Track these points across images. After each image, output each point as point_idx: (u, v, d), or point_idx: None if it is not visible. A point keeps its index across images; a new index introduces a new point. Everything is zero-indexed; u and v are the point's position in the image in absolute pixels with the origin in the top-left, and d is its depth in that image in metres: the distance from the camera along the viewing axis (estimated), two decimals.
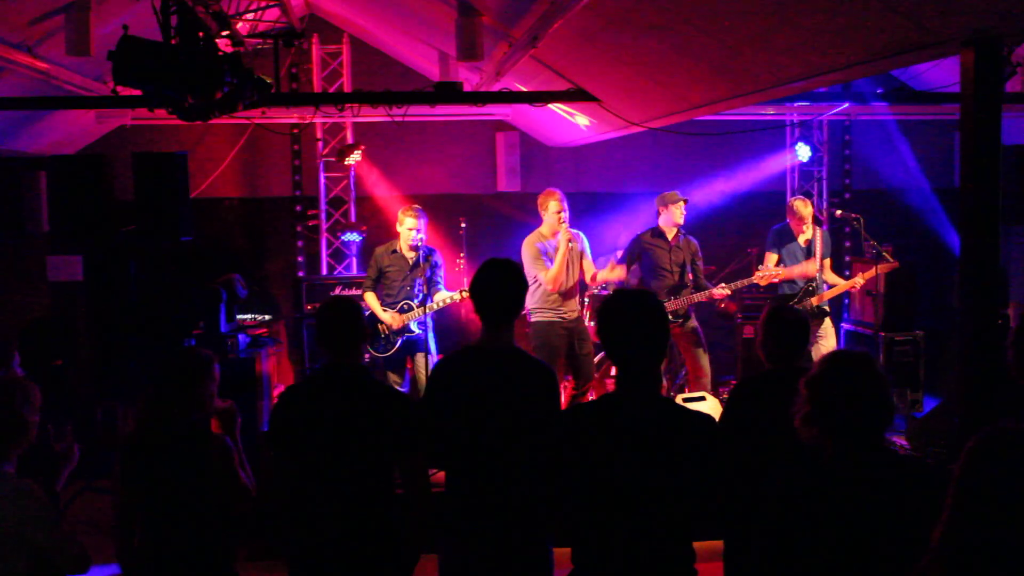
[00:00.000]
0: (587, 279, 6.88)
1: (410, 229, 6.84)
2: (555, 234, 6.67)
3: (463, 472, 3.35)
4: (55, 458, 3.68)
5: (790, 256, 7.47)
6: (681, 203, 7.13)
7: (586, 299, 7.73)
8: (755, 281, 7.31)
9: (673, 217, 7.14)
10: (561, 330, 6.70)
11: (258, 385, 6.92)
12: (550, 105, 7.10)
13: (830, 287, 7.52)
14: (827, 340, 7.37)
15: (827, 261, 7.58)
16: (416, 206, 6.97)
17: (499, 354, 3.38)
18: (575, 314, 6.78)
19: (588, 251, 6.93)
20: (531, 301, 6.74)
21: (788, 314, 3.87)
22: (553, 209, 6.65)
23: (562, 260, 6.59)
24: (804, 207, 7.46)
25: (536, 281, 6.65)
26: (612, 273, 6.91)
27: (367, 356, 6.80)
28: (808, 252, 7.47)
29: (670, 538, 2.78)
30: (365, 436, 3.27)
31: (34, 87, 6.79)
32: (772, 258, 7.50)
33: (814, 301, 7.34)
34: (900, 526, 2.43)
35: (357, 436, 3.27)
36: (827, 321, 7.45)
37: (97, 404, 7.21)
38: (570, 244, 6.62)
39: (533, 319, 6.79)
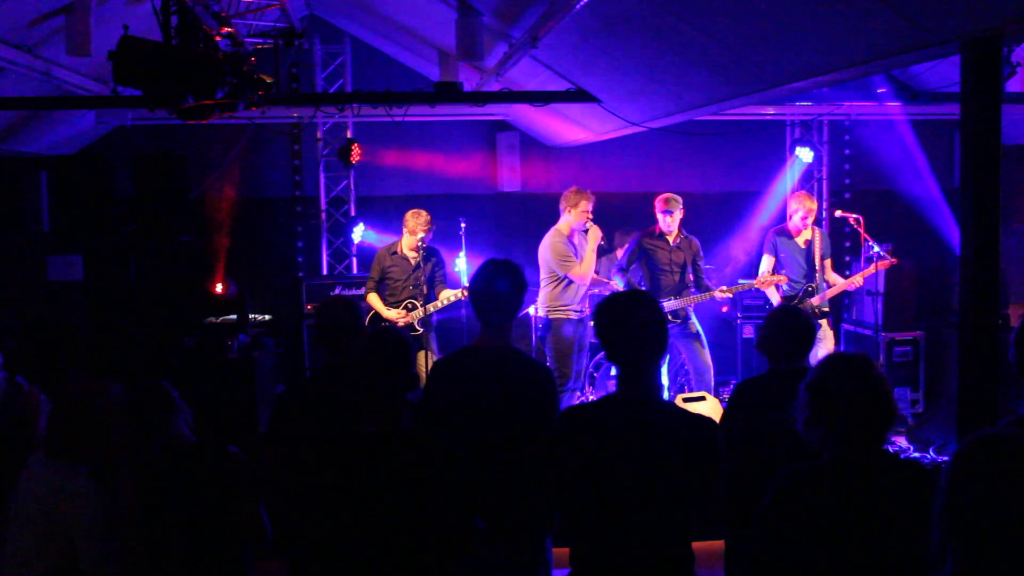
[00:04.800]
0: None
1: (419, 240, 6.88)
2: (572, 231, 6.74)
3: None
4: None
5: (788, 257, 7.45)
6: (678, 214, 7.14)
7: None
8: (755, 285, 7.32)
9: (663, 222, 7.15)
10: (577, 327, 6.75)
11: (257, 385, 6.92)
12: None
13: (829, 287, 7.51)
14: (826, 341, 7.36)
15: (828, 261, 7.57)
16: (428, 218, 6.96)
17: (498, 354, 3.38)
18: (587, 311, 6.83)
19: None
20: (547, 299, 6.76)
21: (798, 315, 3.89)
22: (583, 208, 6.72)
23: (592, 255, 6.68)
24: (810, 200, 7.45)
25: (556, 280, 6.67)
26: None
27: None
28: (807, 252, 7.46)
29: (669, 539, 2.78)
30: None
31: (34, 87, 6.79)
32: (768, 260, 7.49)
33: (814, 302, 7.34)
34: (899, 529, 2.43)
35: None
36: (824, 322, 7.44)
37: None
38: (601, 243, 6.74)
39: (551, 316, 6.75)
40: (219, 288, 7.77)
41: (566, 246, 6.70)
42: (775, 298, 7.34)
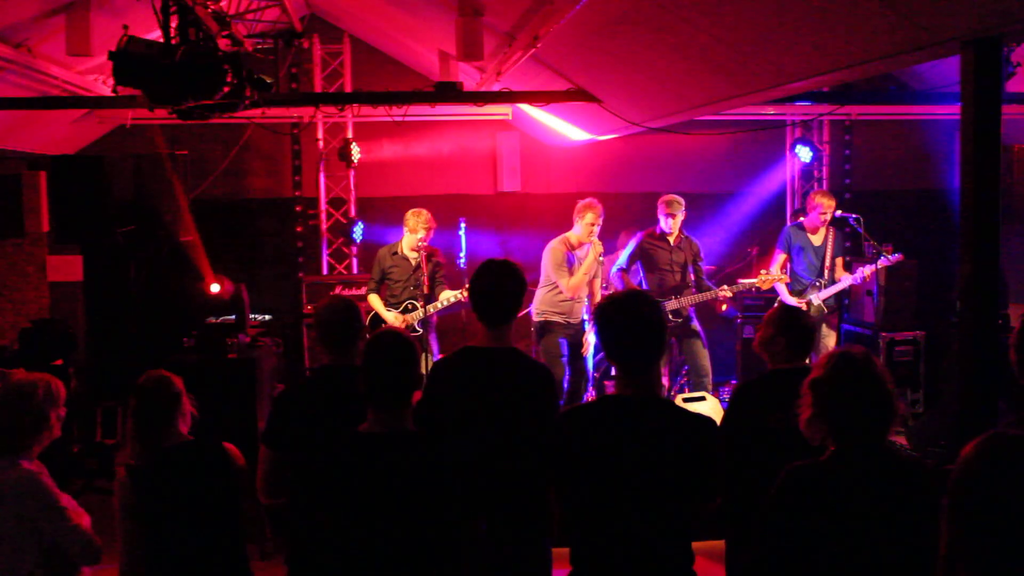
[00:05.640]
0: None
1: (419, 239, 6.89)
2: (581, 244, 6.74)
3: None
4: None
5: (801, 253, 7.46)
6: (680, 216, 7.14)
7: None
8: (757, 284, 7.31)
9: (665, 224, 7.16)
10: (566, 332, 6.73)
11: (257, 386, 6.91)
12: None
13: (836, 284, 7.51)
14: (828, 340, 7.37)
15: (839, 260, 7.60)
16: (429, 217, 6.97)
17: (497, 354, 3.38)
18: (579, 318, 6.82)
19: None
20: (540, 302, 6.79)
21: (798, 315, 3.89)
22: (589, 220, 6.70)
23: (586, 270, 6.67)
24: (828, 198, 7.46)
25: (551, 284, 6.69)
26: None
27: None
28: (820, 250, 7.47)
29: (669, 539, 2.78)
30: None
31: (34, 87, 6.79)
32: (780, 257, 7.49)
33: (822, 297, 7.35)
34: (900, 527, 2.43)
35: None
36: (826, 323, 7.44)
37: (97, 404, 7.21)
38: (600, 260, 6.74)
39: (540, 319, 6.80)
40: (219, 288, 7.77)
41: (565, 255, 6.71)
42: (784, 293, 7.34)
